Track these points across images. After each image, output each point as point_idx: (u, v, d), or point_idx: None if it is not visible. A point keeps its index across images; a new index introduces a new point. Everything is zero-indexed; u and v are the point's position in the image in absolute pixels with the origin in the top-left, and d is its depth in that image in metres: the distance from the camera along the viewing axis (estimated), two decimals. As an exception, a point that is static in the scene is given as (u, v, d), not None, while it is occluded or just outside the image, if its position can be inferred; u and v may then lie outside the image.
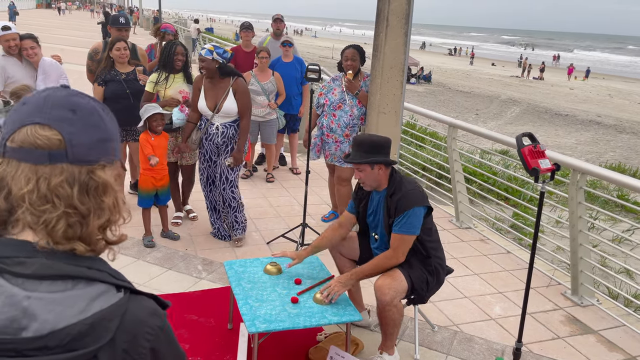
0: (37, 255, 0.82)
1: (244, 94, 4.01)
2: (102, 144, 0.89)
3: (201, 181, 4.30)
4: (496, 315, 3.51)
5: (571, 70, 37.82)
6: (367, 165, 2.75)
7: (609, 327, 3.47)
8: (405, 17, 4.02)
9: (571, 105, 23.24)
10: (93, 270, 0.84)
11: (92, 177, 0.86)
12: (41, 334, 0.76)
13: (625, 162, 11.64)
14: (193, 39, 19.12)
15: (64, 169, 0.84)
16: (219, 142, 4.08)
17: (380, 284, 2.68)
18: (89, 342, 0.78)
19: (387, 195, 2.79)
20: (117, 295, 0.84)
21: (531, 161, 2.14)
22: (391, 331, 2.76)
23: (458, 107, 20.52)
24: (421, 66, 30.01)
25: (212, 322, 3.18)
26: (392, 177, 2.82)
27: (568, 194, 3.74)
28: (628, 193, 6.68)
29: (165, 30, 5.67)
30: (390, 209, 2.75)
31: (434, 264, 2.83)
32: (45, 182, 0.83)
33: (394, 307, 2.67)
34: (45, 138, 0.84)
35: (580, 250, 3.69)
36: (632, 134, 17.38)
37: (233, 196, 4.19)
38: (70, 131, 0.85)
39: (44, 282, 0.80)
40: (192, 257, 4.02)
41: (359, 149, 2.78)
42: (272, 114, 5.67)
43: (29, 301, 0.77)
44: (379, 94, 4.14)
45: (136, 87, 4.54)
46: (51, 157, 0.84)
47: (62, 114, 0.86)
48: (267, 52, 5.47)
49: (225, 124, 4.06)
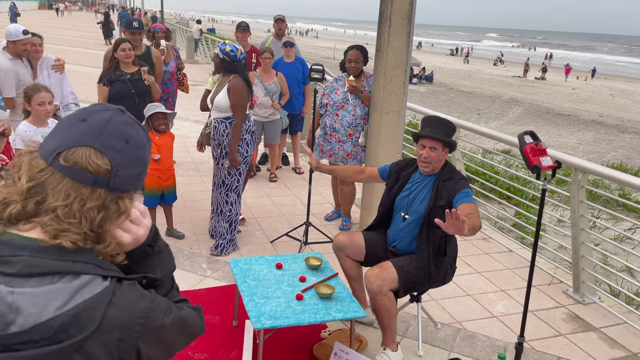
0: (21, 254, 0.83)
1: (234, 93, 3.89)
2: (140, 176, 0.96)
3: (213, 182, 4.30)
4: (498, 313, 3.54)
5: (568, 70, 37.69)
6: (441, 145, 2.85)
7: (611, 324, 3.50)
8: (408, 17, 4.05)
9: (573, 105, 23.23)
10: (79, 264, 0.86)
11: (117, 201, 0.92)
12: (26, 328, 0.78)
13: (627, 162, 11.65)
14: (195, 39, 19.17)
15: (101, 195, 0.89)
16: (215, 138, 4.02)
17: (369, 274, 2.78)
18: (73, 332, 0.79)
19: (438, 180, 2.89)
20: (102, 284, 0.86)
21: (533, 159, 2.17)
22: (387, 322, 2.80)
23: (460, 107, 20.53)
24: (423, 66, 30.03)
25: (217, 319, 3.22)
26: (447, 164, 2.95)
27: (570, 193, 3.77)
28: (630, 192, 6.71)
29: (154, 29, 5.73)
30: (442, 192, 2.84)
31: (446, 263, 2.88)
32: (80, 202, 0.88)
33: (384, 295, 2.73)
34: (96, 165, 0.88)
35: (582, 249, 3.72)
36: (635, 133, 17.38)
37: (226, 200, 4.06)
38: (119, 162, 0.91)
39: (31, 279, 0.81)
40: (197, 255, 4.06)
41: (436, 127, 2.88)
42: (276, 115, 5.70)
43: (12, 296, 0.79)
44: (381, 93, 4.17)
45: (141, 87, 4.57)
46: (95, 181, 0.89)
47: (117, 144, 0.91)
48: (271, 53, 5.50)
49: (217, 119, 3.99)
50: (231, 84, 3.95)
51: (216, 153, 4.11)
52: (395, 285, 2.77)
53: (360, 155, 4.57)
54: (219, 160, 4.09)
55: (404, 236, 3.00)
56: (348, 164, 4.57)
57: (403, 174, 3.08)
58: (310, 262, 3.06)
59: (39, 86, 3.42)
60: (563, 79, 35.76)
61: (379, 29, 4.17)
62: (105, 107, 0.96)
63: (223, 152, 4.02)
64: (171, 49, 5.98)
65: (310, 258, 3.12)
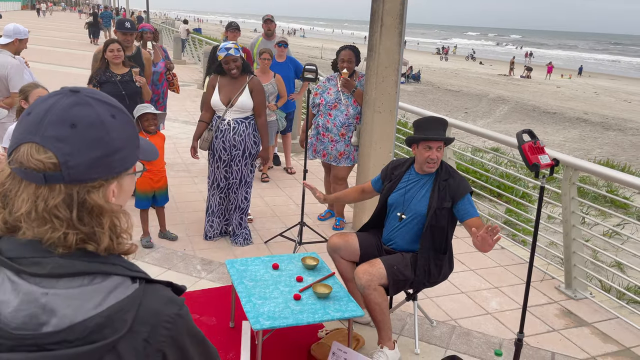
0: (51, 255, 0.82)
1: (260, 92, 4.06)
2: (102, 160, 0.85)
3: (209, 184, 4.29)
4: (493, 310, 3.57)
5: (550, 68, 38.00)
6: (443, 145, 2.90)
7: (603, 319, 3.55)
8: (399, 17, 4.07)
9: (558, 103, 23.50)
10: (107, 265, 0.85)
11: (87, 198, 0.85)
12: (61, 328, 0.78)
13: (612, 159, 11.81)
14: (182, 39, 19.05)
15: (61, 190, 0.83)
16: (231, 138, 4.04)
17: (358, 270, 2.80)
18: (108, 333, 0.80)
19: (438, 179, 2.91)
20: (132, 286, 0.85)
21: (532, 157, 2.20)
22: (380, 318, 2.82)
23: (447, 106, 20.66)
24: (410, 65, 30.15)
25: (213, 321, 3.21)
26: (443, 162, 2.97)
27: (561, 190, 3.81)
28: (617, 188, 6.80)
29: (143, 30, 5.68)
30: (444, 191, 2.86)
31: (445, 261, 2.91)
32: (42, 203, 0.82)
33: (374, 290, 2.75)
34: (39, 162, 0.81)
35: (573, 245, 3.77)
36: (619, 130, 17.63)
37: (245, 196, 4.24)
38: (66, 152, 0.81)
39: (61, 280, 0.81)
40: (191, 257, 4.04)
41: (440, 128, 2.91)
42: (272, 116, 5.67)
43: (47, 297, 0.79)
44: (374, 93, 4.18)
45: (132, 88, 4.54)
46: (47, 178, 0.82)
47: (59, 132, 0.82)
48: (270, 54, 5.47)
49: (237, 120, 4.04)
50: (254, 85, 4.03)
51: (223, 154, 4.10)
52: (384, 281, 2.79)
53: (353, 155, 4.58)
54: (225, 160, 4.11)
55: (401, 235, 3.01)
56: (341, 163, 4.57)
57: (396, 173, 3.10)
58: (306, 262, 3.06)
59: (37, 84, 3.40)
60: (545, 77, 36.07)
61: (370, 29, 4.18)
62: (54, 93, 0.86)
63: (246, 152, 4.09)
64: (159, 49, 5.93)
65: (307, 258, 3.12)
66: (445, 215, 2.87)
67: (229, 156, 4.11)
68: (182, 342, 0.88)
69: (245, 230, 4.33)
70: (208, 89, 4.12)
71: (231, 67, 3.95)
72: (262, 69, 5.52)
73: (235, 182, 4.18)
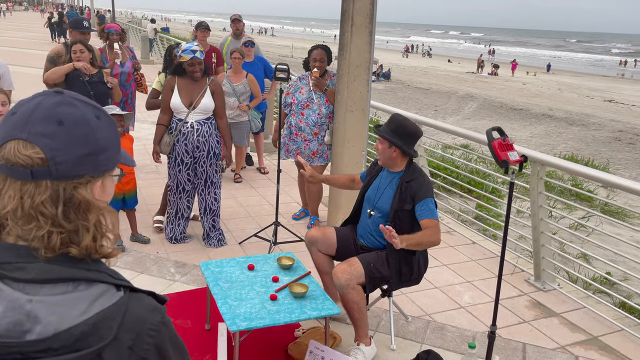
0: (36, 260, 0.82)
1: (221, 94, 4.12)
2: (89, 157, 0.86)
3: (170, 188, 4.24)
4: (466, 304, 3.65)
5: (514, 66, 38.83)
6: (386, 142, 2.92)
7: (571, 309, 3.66)
8: (370, 16, 4.10)
9: (525, 99, 24.05)
10: (92, 272, 0.85)
11: (74, 193, 0.85)
12: (45, 336, 0.77)
13: (576, 153, 12.17)
14: (150, 39, 18.74)
15: (48, 186, 0.83)
16: (195, 140, 4.04)
17: (336, 270, 2.82)
18: (93, 341, 0.79)
19: (402, 179, 2.93)
20: (117, 294, 0.85)
21: (501, 153, 2.25)
22: (357, 316, 2.84)
23: (418, 104, 20.90)
24: (380, 64, 30.38)
25: (189, 324, 3.18)
26: (411, 165, 2.98)
27: (529, 185, 3.91)
28: (582, 182, 7.02)
29: (109, 30, 5.50)
30: (405, 193, 2.88)
31: (416, 260, 2.93)
32: (29, 199, 0.82)
33: (352, 289, 2.77)
34: (27, 157, 0.82)
35: (541, 238, 3.87)
36: (582, 126, 18.16)
37: (215, 197, 4.23)
38: (53, 147, 0.83)
39: (45, 286, 0.80)
40: (164, 260, 3.99)
41: (389, 125, 2.96)
42: (243, 116, 5.64)
43: (31, 304, 0.78)
44: (346, 92, 4.20)
45: (100, 89, 4.45)
46: (34, 174, 0.82)
47: (46, 129, 0.83)
48: (240, 53, 5.44)
49: (200, 121, 4.05)
50: (215, 87, 4.07)
51: (186, 157, 4.09)
52: (362, 280, 2.82)
53: (326, 154, 4.60)
54: (187, 163, 4.09)
55: (370, 232, 3.05)
56: (314, 163, 4.59)
57: (375, 169, 3.15)
58: (282, 262, 3.07)
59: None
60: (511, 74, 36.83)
61: (341, 28, 4.19)
62: (37, 94, 0.88)
63: (210, 152, 4.10)
64: (126, 49, 5.82)
65: (283, 258, 3.12)
66: (407, 216, 2.88)
67: (191, 159, 4.10)
68: (165, 351, 0.88)
69: (219, 231, 4.31)
70: (166, 91, 4.06)
71: (195, 70, 3.94)
72: (234, 68, 5.48)
73: (201, 183, 4.17)
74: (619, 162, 12.81)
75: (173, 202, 4.23)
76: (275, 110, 7.38)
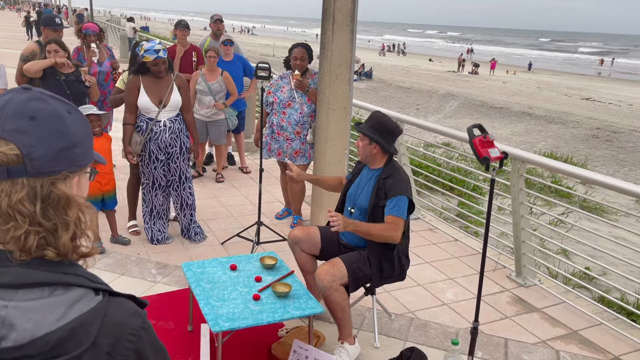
0: (10, 264, 0.80)
1: (187, 89, 4.17)
2: (64, 152, 0.85)
3: (144, 186, 4.19)
4: (448, 301, 3.67)
5: (494, 64, 39.24)
6: (367, 139, 2.92)
7: (551, 304, 3.71)
8: (351, 14, 4.10)
9: (505, 98, 24.34)
10: (69, 276, 0.83)
11: (52, 189, 0.83)
12: (21, 343, 0.75)
13: (556, 151, 12.35)
14: (129, 38, 18.49)
15: (24, 184, 0.81)
16: (167, 138, 4.03)
17: (319, 272, 2.80)
18: (71, 347, 0.77)
19: (380, 176, 2.93)
20: (95, 298, 0.83)
21: (482, 150, 2.27)
22: (341, 316, 2.84)
23: (399, 103, 21.01)
24: (362, 63, 30.46)
25: (171, 325, 3.14)
26: (390, 162, 2.98)
27: (510, 182, 3.95)
28: (561, 179, 7.12)
29: (86, 31, 5.40)
30: (381, 189, 2.88)
31: (396, 255, 2.94)
32: (6, 198, 0.81)
33: (335, 290, 2.76)
34: (2, 154, 0.80)
35: (522, 234, 3.92)
36: (561, 124, 18.44)
37: (190, 192, 4.27)
38: (28, 144, 0.81)
39: (20, 290, 0.78)
40: (146, 261, 3.94)
41: (370, 122, 2.96)
42: (220, 114, 5.60)
43: (6, 310, 0.76)
44: (328, 90, 4.20)
45: (77, 88, 4.39)
46: (10, 172, 0.80)
47: (19, 125, 0.81)
48: (215, 52, 5.40)
49: (171, 119, 4.06)
50: (181, 82, 4.08)
51: (160, 154, 4.07)
52: (345, 281, 2.81)
53: (308, 153, 4.59)
54: (177, 158, 4.13)
55: None
56: (297, 162, 4.57)
57: (358, 167, 3.15)
58: (265, 262, 3.05)
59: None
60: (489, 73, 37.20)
61: (322, 27, 4.19)
62: (6, 92, 0.87)
63: (183, 148, 4.15)
64: (104, 48, 5.75)
65: (265, 257, 3.11)
66: (383, 212, 2.88)
67: (165, 155, 4.09)
68: (146, 356, 0.86)
69: (196, 225, 4.36)
70: (131, 90, 4.00)
71: (160, 70, 3.93)
72: (209, 67, 5.44)
73: (175, 180, 4.19)
74: (596, 159, 13.04)
75: (148, 200, 4.19)
76: (257, 110, 7.35)
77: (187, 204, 4.27)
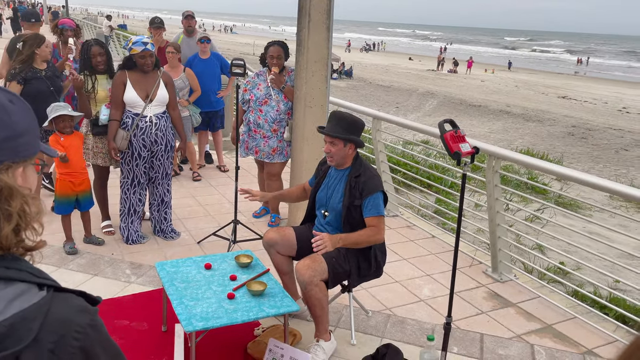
0: None
1: (173, 86, 4.15)
2: (6, 142, 0.82)
3: (123, 184, 4.12)
4: (425, 297, 3.68)
5: (470, 63, 39.62)
6: (342, 141, 2.84)
7: (526, 299, 3.75)
8: (327, 12, 4.08)
9: (483, 96, 24.61)
10: (11, 270, 0.80)
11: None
12: None
13: (532, 148, 12.53)
14: (106, 35, 18.23)
15: None
16: (153, 134, 3.98)
17: (299, 266, 2.77)
18: (10, 343, 0.74)
19: (350, 175, 2.89)
20: (39, 294, 0.80)
21: (453, 145, 2.27)
22: (319, 313, 2.83)
23: (379, 101, 21.09)
24: (342, 62, 30.50)
25: (145, 326, 3.09)
26: (357, 159, 2.95)
27: (485, 178, 3.98)
28: (537, 175, 7.22)
29: (62, 26, 5.29)
30: (354, 189, 2.85)
31: (372, 253, 2.93)
32: None
33: (315, 286, 2.74)
34: None
35: (498, 230, 3.95)
36: (537, 122, 18.72)
37: (168, 189, 4.28)
38: None
39: None
40: (119, 261, 3.87)
41: (339, 124, 2.87)
42: (184, 112, 5.50)
43: None
44: (304, 88, 4.18)
45: (57, 83, 4.40)
46: None
47: None
48: (175, 47, 5.34)
49: (158, 115, 4.02)
50: (167, 78, 4.09)
51: (143, 151, 4.01)
52: (325, 276, 2.80)
53: (286, 151, 4.56)
54: (162, 155, 4.11)
55: (327, 232, 3.02)
56: (274, 160, 4.54)
57: (323, 169, 3.11)
58: (240, 260, 3.02)
59: None
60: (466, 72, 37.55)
61: (298, 24, 4.16)
62: None
63: (168, 146, 4.13)
64: (80, 44, 5.63)
65: (241, 256, 3.07)
66: (358, 211, 2.88)
67: (149, 152, 4.04)
68: (95, 355, 0.83)
69: (169, 222, 4.35)
70: (117, 86, 3.93)
71: (147, 62, 3.89)
72: (170, 63, 5.35)
73: (158, 177, 4.16)
74: (572, 156, 13.28)
75: (126, 198, 4.13)
76: (235, 107, 7.29)
77: (163, 201, 4.25)
